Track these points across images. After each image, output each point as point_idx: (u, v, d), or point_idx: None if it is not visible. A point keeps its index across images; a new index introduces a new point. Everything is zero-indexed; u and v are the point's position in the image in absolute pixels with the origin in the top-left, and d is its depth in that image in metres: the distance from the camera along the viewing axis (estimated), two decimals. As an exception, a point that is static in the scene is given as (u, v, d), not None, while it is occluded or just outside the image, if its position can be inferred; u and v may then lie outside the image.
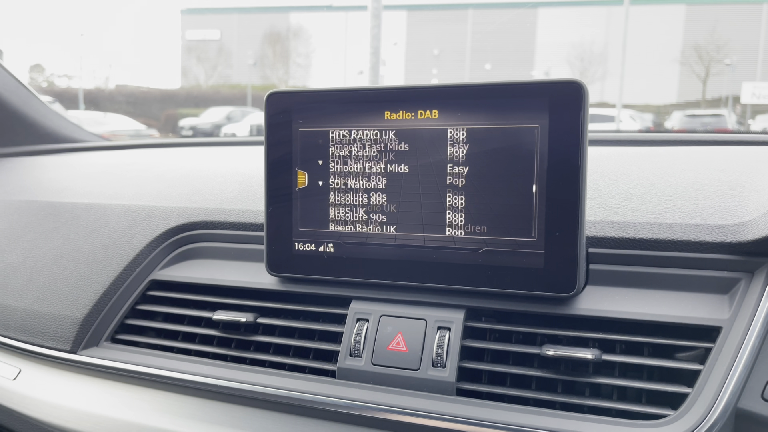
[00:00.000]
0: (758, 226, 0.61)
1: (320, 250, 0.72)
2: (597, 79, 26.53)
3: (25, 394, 0.79)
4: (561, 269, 0.62)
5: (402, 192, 0.68)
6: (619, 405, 0.59)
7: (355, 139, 0.69)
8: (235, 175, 0.96)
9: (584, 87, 0.60)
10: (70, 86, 27.98)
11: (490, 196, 0.64)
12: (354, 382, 0.67)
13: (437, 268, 0.67)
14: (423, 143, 0.66)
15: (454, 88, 0.65)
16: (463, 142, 0.65)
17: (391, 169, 0.68)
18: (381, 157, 0.68)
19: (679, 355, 0.61)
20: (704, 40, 25.42)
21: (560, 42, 27.04)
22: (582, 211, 0.61)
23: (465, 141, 0.65)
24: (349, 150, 0.70)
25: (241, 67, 30.24)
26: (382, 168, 0.68)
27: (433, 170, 0.66)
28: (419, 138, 0.66)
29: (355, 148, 0.69)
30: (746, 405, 0.55)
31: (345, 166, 0.70)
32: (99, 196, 0.98)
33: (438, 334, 0.66)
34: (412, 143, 0.67)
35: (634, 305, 0.63)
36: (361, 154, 0.69)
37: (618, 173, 0.78)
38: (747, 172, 0.74)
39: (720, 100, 24.37)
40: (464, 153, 0.65)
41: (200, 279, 0.80)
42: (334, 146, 0.70)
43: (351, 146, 0.69)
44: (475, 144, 0.64)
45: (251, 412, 0.69)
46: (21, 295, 0.87)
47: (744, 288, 0.61)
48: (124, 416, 0.72)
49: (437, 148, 0.66)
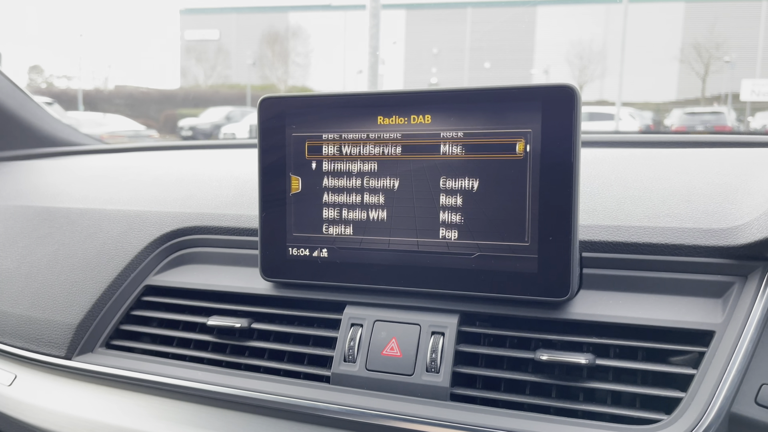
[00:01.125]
0: (751, 229, 0.61)
1: (314, 255, 0.72)
2: (596, 77, 26.54)
3: (20, 400, 0.79)
4: (554, 274, 0.62)
5: (395, 197, 0.68)
6: (612, 410, 0.59)
7: (348, 143, 0.69)
8: (229, 179, 0.96)
9: (577, 91, 0.60)
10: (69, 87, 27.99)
11: (483, 201, 0.64)
12: (348, 388, 0.67)
13: (431, 272, 0.67)
14: (416, 148, 0.66)
15: (447, 93, 0.65)
16: (455, 146, 0.65)
17: (385, 173, 0.68)
18: (374, 161, 0.68)
19: (673, 359, 0.61)
20: (703, 38, 25.41)
21: (559, 40, 27.04)
22: (575, 216, 0.61)
23: (458, 145, 0.65)
24: (343, 155, 0.69)
25: (240, 67, 30.24)
26: (376, 173, 0.68)
27: (426, 175, 0.66)
28: (412, 142, 0.66)
29: (348, 153, 0.69)
30: (740, 409, 0.55)
31: (338, 170, 0.70)
32: (94, 201, 0.98)
33: (432, 339, 0.66)
34: (405, 148, 0.67)
35: (628, 309, 0.63)
36: (354, 159, 0.69)
37: (612, 176, 0.78)
38: (741, 175, 0.74)
39: (719, 98, 24.36)
40: (457, 157, 0.65)
41: (195, 284, 0.80)
42: (327, 151, 0.70)
43: (344, 151, 0.69)
44: (467, 148, 0.64)
45: (246, 417, 0.69)
46: (16, 301, 0.87)
47: (737, 292, 0.61)
48: (120, 422, 0.72)
49: (430, 152, 0.66)
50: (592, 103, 22.92)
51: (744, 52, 24.99)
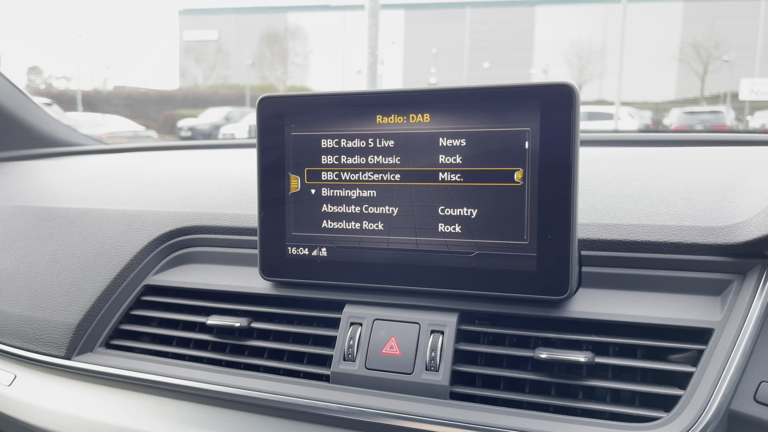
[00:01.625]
0: (750, 227, 0.61)
1: (313, 254, 0.72)
2: (595, 76, 26.54)
3: (20, 400, 0.79)
4: (553, 272, 0.62)
5: (394, 196, 0.68)
6: (612, 407, 0.59)
7: (347, 142, 0.69)
8: (228, 178, 0.96)
9: (575, 89, 0.60)
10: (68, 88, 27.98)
11: (483, 199, 0.64)
12: (348, 387, 0.67)
13: (430, 271, 0.67)
14: (415, 147, 0.66)
15: (446, 92, 0.65)
16: (454, 145, 0.65)
17: (383, 172, 0.68)
18: (373, 160, 0.68)
19: (672, 357, 0.61)
20: (702, 37, 25.42)
21: (558, 40, 27.04)
22: (574, 214, 0.61)
23: (457, 144, 0.65)
24: (341, 154, 0.70)
25: (239, 68, 30.23)
26: (374, 172, 0.68)
27: (425, 173, 0.66)
28: (411, 141, 0.66)
29: (347, 152, 0.69)
30: (739, 407, 0.55)
31: (337, 169, 0.70)
32: (93, 201, 0.98)
33: (431, 337, 0.66)
34: (404, 147, 0.67)
35: (627, 308, 0.63)
36: (353, 158, 0.69)
37: (611, 175, 0.78)
38: (740, 173, 0.74)
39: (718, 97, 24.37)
40: (456, 156, 0.65)
41: (194, 284, 0.80)
42: (326, 150, 0.70)
43: (343, 150, 0.69)
44: (466, 147, 0.64)
45: (246, 416, 0.69)
46: (15, 301, 0.87)
47: (736, 290, 0.61)
48: (120, 422, 0.72)
49: (429, 151, 0.66)
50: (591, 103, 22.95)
51: (743, 52, 25.01)
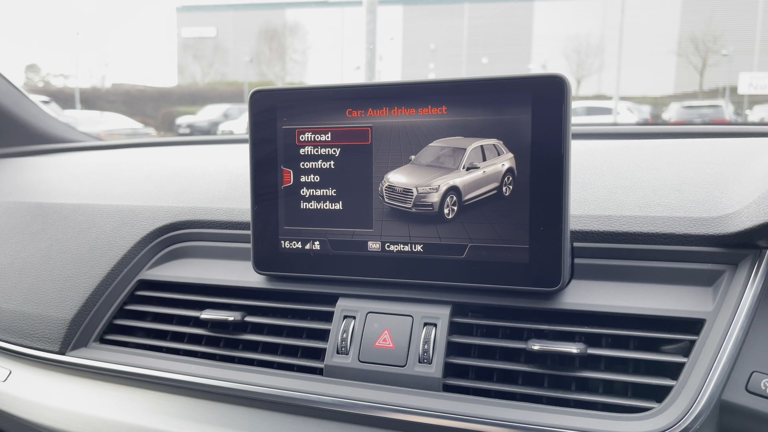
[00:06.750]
0: (741, 218, 0.61)
1: (306, 247, 0.72)
2: (594, 71, 26.53)
3: (15, 396, 0.79)
4: (546, 264, 0.62)
5: (387, 189, 0.67)
6: (604, 398, 0.59)
7: (340, 136, 0.69)
8: (222, 173, 0.96)
9: (566, 81, 0.60)
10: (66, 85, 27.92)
11: (475, 192, 0.64)
12: (341, 379, 0.67)
13: (423, 264, 0.67)
14: (407, 139, 0.66)
15: (438, 84, 0.65)
16: (446, 137, 0.65)
17: (376, 165, 0.68)
18: (366, 153, 0.68)
19: (664, 347, 0.61)
20: (701, 31, 25.40)
21: (557, 35, 27.01)
22: (566, 206, 0.61)
23: (448, 136, 0.65)
24: (334, 147, 0.69)
25: (237, 64, 30.19)
26: (367, 165, 0.68)
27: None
28: (404, 134, 0.66)
29: (339, 146, 0.69)
30: (730, 397, 0.55)
31: (330, 163, 0.70)
32: (87, 197, 0.98)
33: (424, 330, 0.66)
34: (396, 139, 0.67)
35: (619, 299, 0.63)
36: (346, 151, 0.69)
37: (604, 167, 0.78)
38: (732, 165, 0.74)
39: (717, 91, 24.36)
40: (449, 148, 0.65)
41: (188, 278, 0.80)
42: (318, 144, 0.70)
43: (336, 143, 0.69)
44: (460, 141, 0.64)
45: (240, 410, 0.69)
46: (9, 297, 0.87)
47: (728, 280, 0.61)
48: (114, 416, 0.72)
49: (422, 143, 0.66)
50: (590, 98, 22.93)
51: (741, 45, 24.99)
